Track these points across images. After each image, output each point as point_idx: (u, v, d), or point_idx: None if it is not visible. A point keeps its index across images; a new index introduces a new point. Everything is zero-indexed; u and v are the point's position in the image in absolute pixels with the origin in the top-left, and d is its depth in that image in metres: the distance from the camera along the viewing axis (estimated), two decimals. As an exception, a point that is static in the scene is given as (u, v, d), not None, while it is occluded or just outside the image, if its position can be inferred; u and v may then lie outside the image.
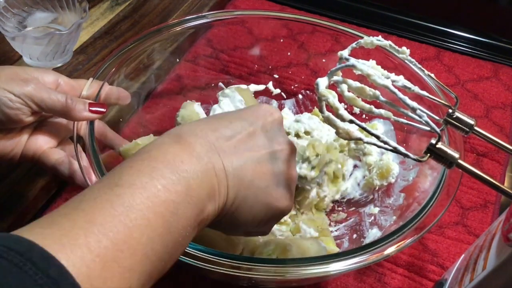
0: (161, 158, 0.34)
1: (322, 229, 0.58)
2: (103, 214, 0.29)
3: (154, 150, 0.35)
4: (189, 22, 0.65)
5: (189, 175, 0.34)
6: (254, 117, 0.41)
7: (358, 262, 0.43)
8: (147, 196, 0.31)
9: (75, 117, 0.50)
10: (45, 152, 0.53)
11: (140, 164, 0.33)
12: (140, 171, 0.32)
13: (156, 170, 0.33)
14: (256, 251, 0.51)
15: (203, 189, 0.35)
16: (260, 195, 0.39)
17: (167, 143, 0.36)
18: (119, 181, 0.32)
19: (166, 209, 0.32)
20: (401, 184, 0.60)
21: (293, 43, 0.75)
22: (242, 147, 0.38)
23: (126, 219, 0.30)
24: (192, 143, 0.36)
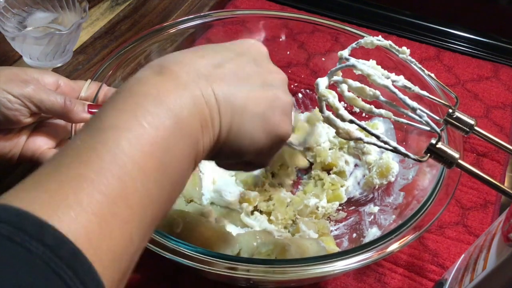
0: (144, 91, 0.31)
1: (324, 233, 0.58)
2: (90, 166, 0.27)
3: (136, 85, 0.32)
4: (189, 22, 0.65)
5: (176, 106, 0.31)
6: (241, 48, 0.39)
7: (358, 261, 0.43)
8: (133, 137, 0.28)
9: (74, 118, 0.50)
10: (43, 153, 0.53)
11: (121, 102, 0.30)
12: (122, 110, 0.30)
13: (140, 106, 0.30)
14: (254, 251, 0.51)
15: (193, 119, 0.32)
16: (257, 120, 0.36)
17: (148, 75, 0.32)
18: (101, 125, 0.29)
19: (157, 148, 0.29)
20: (401, 183, 0.60)
21: (293, 43, 0.75)
22: (232, 74, 0.36)
23: (115, 168, 0.27)
24: (176, 71, 0.33)
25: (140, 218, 0.28)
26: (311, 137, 0.63)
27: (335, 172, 0.65)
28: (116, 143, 0.28)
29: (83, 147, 0.28)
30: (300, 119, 0.61)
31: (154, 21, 0.85)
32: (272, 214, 0.60)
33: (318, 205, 0.61)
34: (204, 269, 0.42)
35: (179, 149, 0.31)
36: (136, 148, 0.28)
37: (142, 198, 0.28)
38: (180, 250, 0.42)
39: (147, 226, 0.29)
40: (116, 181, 0.27)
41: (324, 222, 0.59)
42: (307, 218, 0.60)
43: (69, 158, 0.27)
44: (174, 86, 0.32)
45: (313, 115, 0.66)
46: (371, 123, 0.68)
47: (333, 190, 0.63)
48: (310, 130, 0.63)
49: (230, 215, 0.60)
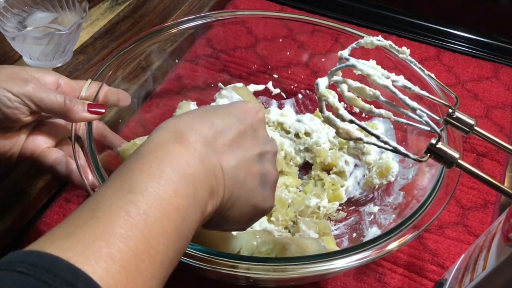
0: (167, 160, 0.34)
1: (324, 233, 0.58)
2: (121, 224, 0.29)
3: (158, 150, 0.35)
4: (189, 23, 0.65)
5: (195, 178, 0.34)
6: (242, 114, 0.41)
7: (357, 259, 0.43)
8: (161, 203, 0.31)
9: (74, 117, 0.50)
10: (43, 152, 0.53)
11: (148, 167, 0.33)
12: (150, 176, 0.32)
13: (165, 174, 0.33)
14: (254, 250, 0.51)
15: (205, 190, 0.35)
16: (249, 196, 0.40)
17: (168, 142, 0.36)
18: (131, 188, 0.31)
19: (178, 216, 0.32)
20: (401, 183, 0.60)
21: (293, 43, 0.75)
22: (236, 146, 0.39)
23: (144, 228, 0.30)
24: (192, 142, 0.36)
25: (159, 276, 0.30)
26: None
27: (335, 172, 0.65)
28: (146, 206, 0.31)
29: (115, 205, 0.30)
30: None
31: (154, 21, 0.85)
32: (272, 215, 0.60)
33: (319, 205, 0.61)
34: (205, 267, 0.42)
35: (192, 218, 0.34)
36: (162, 213, 0.31)
37: (162, 258, 0.31)
38: None
39: (161, 283, 0.31)
40: (143, 239, 0.29)
41: (325, 222, 0.59)
42: (308, 218, 0.60)
43: (100, 212, 0.30)
44: (192, 158, 0.35)
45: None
46: (371, 123, 0.68)
47: (333, 190, 0.63)
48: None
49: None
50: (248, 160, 0.40)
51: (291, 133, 0.69)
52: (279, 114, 0.71)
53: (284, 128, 0.70)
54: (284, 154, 0.66)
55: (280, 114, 0.71)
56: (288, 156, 0.67)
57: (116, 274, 0.27)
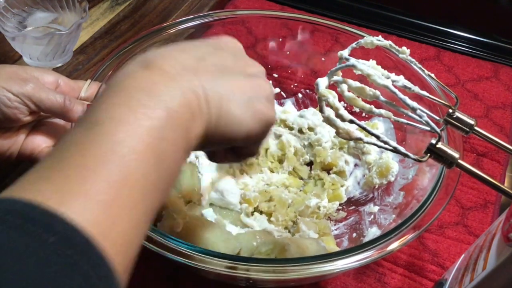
0: (134, 85, 0.32)
1: (325, 233, 0.58)
2: (91, 157, 0.28)
3: (125, 79, 0.33)
4: (189, 22, 0.65)
5: (166, 98, 0.32)
6: (219, 43, 0.40)
7: (358, 260, 0.43)
8: (130, 128, 0.29)
9: (73, 118, 0.50)
10: (42, 152, 0.53)
11: (114, 96, 0.31)
12: (116, 104, 0.31)
13: (132, 98, 0.31)
14: (254, 250, 0.51)
15: (183, 108, 0.33)
16: (244, 107, 0.37)
17: (136, 70, 0.33)
18: (97, 119, 0.30)
19: (152, 137, 0.30)
20: (401, 183, 0.60)
21: (293, 42, 0.75)
22: (215, 66, 0.37)
23: (116, 157, 0.28)
24: (162, 65, 0.34)
25: (143, 204, 0.29)
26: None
27: (335, 172, 0.65)
28: (114, 134, 0.29)
29: (82, 141, 0.29)
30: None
31: (154, 21, 0.85)
32: (272, 215, 0.60)
33: (319, 205, 0.61)
34: (205, 268, 0.42)
35: (172, 138, 0.32)
36: (133, 138, 0.29)
37: (143, 185, 0.29)
38: (180, 250, 0.43)
39: (150, 211, 0.30)
40: (117, 170, 0.28)
41: (325, 222, 0.59)
42: (308, 218, 0.60)
43: (69, 152, 0.28)
44: (162, 79, 0.33)
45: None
46: (371, 123, 0.68)
47: (333, 190, 0.63)
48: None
49: (230, 215, 0.60)
50: (230, 76, 0.38)
51: (295, 129, 0.69)
52: (281, 111, 0.71)
53: (287, 124, 0.70)
54: (294, 150, 0.66)
55: (282, 111, 0.71)
56: (298, 152, 0.67)
57: (93, 209, 0.26)
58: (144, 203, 0.29)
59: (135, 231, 0.28)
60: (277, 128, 0.69)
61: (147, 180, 0.29)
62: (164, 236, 0.43)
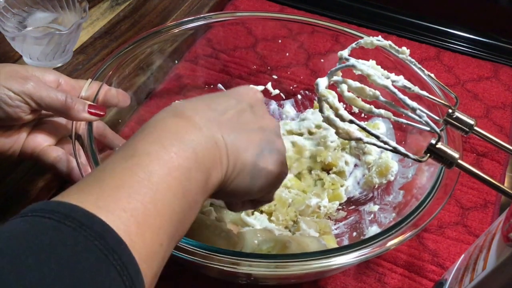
0: (167, 129, 0.36)
1: (325, 232, 0.58)
2: (127, 181, 0.31)
3: (158, 124, 0.37)
4: (189, 24, 0.65)
5: (194, 143, 0.36)
6: (240, 96, 0.44)
7: (357, 256, 0.43)
8: (163, 163, 0.33)
9: (74, 116, 0.50)
10: (43, 150, 0.53)
11: (149, 136, 0.35)
12: (151, 142, 0.35)
13: (166, 139, 0.35)
14: (255, 248, 0.51)
15: (208, 156, 0.37)
16: (257, 161, 0.41)
17: (168, 117, 0.38)
18: (134, 152, 0.34)
19: (181, 174, 0.34)
20: (401, 182, 0.60)
21: (293, 43, 0.75)
22: (235, 121, 0.41)
23: (149, 183, 0.32)
24: (191, 116, 0.38)
25: (167, 228, 0.32)
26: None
27: (335, 172, 0.65)
28: (149, 165, 0.33)
29: (119, 167, 0.33)
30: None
31: (154, 21, 0.85)
32: (273, 214, 0.60)
33: (320, 204, 0.61)
34: (207, 264, 0.42)
35: (196, 180, 0.35)
36: (165, 171, 0.33)
37: (169, 212, 0.33)
38: (183, 246, 0.43)
39: (173, 236, 0.33)
40: (150, 194, 0.32)
41: (325, 221, 0.59)
42: (309, 217, 0.60)
43: (107, 174, 0.32)
44: (191, 127, 0.37)
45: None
46: (372, 123, 0.67)
47: (333, 189, 0.63)
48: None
49: (230, 214, 0.60)
50: (248, 131, 0.41)
51: (304, 133, 0.69)
52: (282, 124, 0.71)
53: (294, 133, 0.69)
54: (310, 154, 0.66)
55: (284, 124, 0.71)
56: (315, 153, 0.66)
57: (127, 221, 0.29)
58: (169, 227, 0.33)
59: (159, 248, 0.31)
60: (290, 138, 0.68)
61: (172, 209, 0.33)
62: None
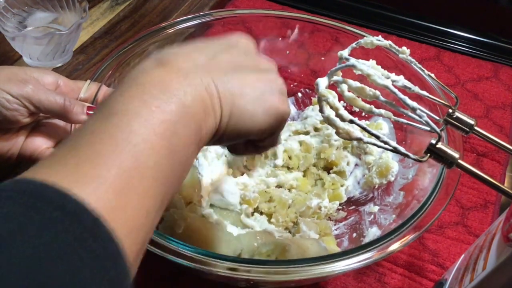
0: (148, 80, 0.33)
1: (326, 233, 0.58)
2: (105, 144, 0.29)
3: (140, 76, 0.34)
4: (189, 22, 0.65)
5: (179, 92, 0.33)
6: (230, 41, 0.41)
7: (358, 261, 0.43)
8: (144, 119, 0.31)
9: (73, 119, 0.50)
10: (42, 153, 0.53)
11: (129, 90, 0.33)
12: (131, 97, 0.32)
13: (146, 92, 0.32)
14: (255, 251, 0.51)
15: (196, 104, 0.34)
16: (257, 101, 0.38)
17: (150, 67, 0.35)
18: (112, 110, 0.31)
19: (165, 129, 0.31)
20: (401, 182, 0.60)
21: (293, 43, 0.75)
22: (227, 64, 0.38)
23: (129, 145, 0.29)
24: (176, 63, 0.35)
25: (154, 192, 0.30)
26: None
27: (335, 171, 0.65)
28: (128, 125, 0.30)
29: (97, 130, 0.30)
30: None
31: (154, 21, 0.85)
32: (273, 216, 0.60)
33: (320, 205, 0.61)
34: (206, 270, 0.42)
35: (184, 132, 0.33)
36: (147, 129, 0.30)
37: (155, 174, 0.30)
38: (181, 252, 0.42)
39: (161, 201, 0.31)
40: (130, 157, 0.29)
41: (326, 222, 0.59)
42: (309, 218, 0.60)
43: (84, 139, 0.29)
44: (175, 75, 0.34)
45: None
46: (375, 123, 0.67)
47: (333, 189, 0.63)
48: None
49: (230, 216, 0.60)
50: (242, 73, 0.38)
51: (310, 131, 0.69)
52: (286, 125, 0.70)
53: (300, 132, 0.69)
54: (316, 152, 0.66)
55: (287, 125, 0.70)
56: (322, 150, 0.66)
57: (105, 193, 0.27)
58: (155, 191, 0.30)
59: (145, 218, 0.29)
60: (297, 138, 0.68)
61: (159, 170, 0.30)
62: (165, 237, 0.43)
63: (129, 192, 0.28)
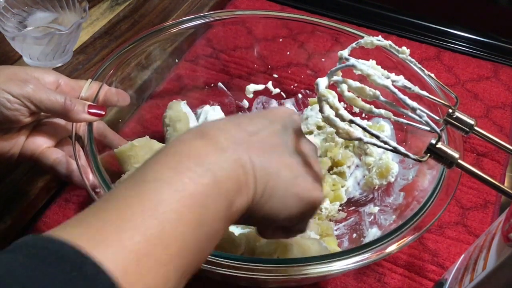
0: (186, 152, 0.33)
1: (327, 234, 0.58)
2: (132, 211, 0.29)
3: (178, 145, 0.34)
4: (189, 22, 0.65)
5: (215, 167, 0.33)
6: (274, 116, 0.41)
7: (358, 261, 0.43)
8: (175, 190, 0.30)
9: (74, 118, 0.50)
10: (43, 152, 0.53)
11: (164, 159, 0.33)
12: (165, 166, 0.32)
13: (181, 163, 0.32)
14: (257, 251, 0.51)
15: (230, 180, 0.34)
16: (290, 186, 0.38)
17: (190, 138, 0.35)
18: (145, 177, 0.31)
19: (195, 202, 0.31)
20: (401, 183, 0.60)
21: (293, 43, 0.75)
22: (266, 142, 0.38)
23: (156, 214, 0.29)
24: (216, 136, 0.35)
25: (176, 264, 0.29)
26: None
27: (335, 172, 0.65)
28: (159, 193, 0.30)
29: (128, 195, 0.30)
30: None
31: (154, 21, 0.85)
32: None
33: (321, 206, 0.61)
34: (208, 269, 0.42)
35: (215, 207, 0.32)
36: (176, 199, 0.30)
37: (179, 245, 0.29)
38: None
39: (183, 273, 0.30)
40: (156, 226, 0.28)
41: (327, 223, 0.59)
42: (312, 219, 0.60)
43: (112, 203, 0.30)
44: (213, 149, 0.34)
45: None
46: (377, 124, 0.67)
47: (334, 190, 0.63)
48: None
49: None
50: (280, 153, 0.38)
51: (314, 130, 0.69)
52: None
53: (304, 133, 0.69)
54: (320, 152, 0.66)
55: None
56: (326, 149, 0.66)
57: (125, 259, 0.26)
58: (177, 262, 0.29)
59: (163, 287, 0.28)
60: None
61: (184, 241, 0.30)
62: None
63: (149, 260, 0.27)
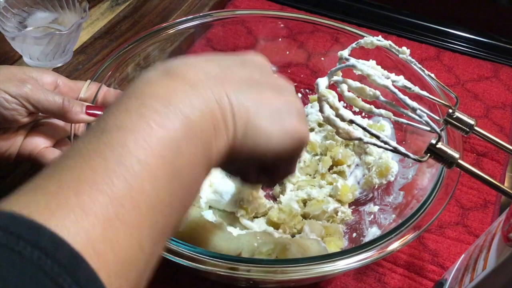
0: (150, 92, 0.29)
1: (327, 234, 0.58)
2: (93, 167, 0.25)
3: (142, 86, 0.30)
4: (189, 22, 0.65)
5: (185, 106, 0.28)
6: (245, 57, 0.37)
7: (358, 261, 0.43)
8: (140, 137, 0.26)
9: (72, 119, 0.50)
10: (41, 152, 0.52)
11: (127, 103, 0.28)
12: (128, 111, 0.27)
13: (146, 106, 0.28)
14: (255, 251, 0.51)
15: (205, 120, 0.29)
16: (274, 121, 0.34)
17: (155, 77, 0.30)
18: (106, 126, 0.27)
19: (166, 149, 0.27)
20: (401, 182, 0.60)
21: (293, 43, 0.75)
22: (241, 78, 0.34)
23: (121, 168, 0.25)
24: (184, 71, 0.31)
25: (150, 223, 0.26)
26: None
27: (335, 171, 0.65)
28: (122, 143, 0.26)
29: (86, 149, 0.26)
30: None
31: (154, 21, 0.85)
32: (280, 227, 0.58)
33: (338, 209, 0.59)
34: (206, 270, 0.42)
35: (190, 152, 0.28)
36: (143, 148, 0.26)
37: (152, 202, 0.26)
38: (181, 252, 0.42)
39: (159, 232, 0.27)
40: (121, 182, 0.25)
41: (335, 226, 0.58)
42: (320, 221, 0.59)
43: (70, 160, 0.26)
44: (182, 86, 0.30)
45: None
46: (378, 124, 0.67)
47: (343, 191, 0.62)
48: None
49: (229, 217, 0.60)
50: (258, 88, 0.34)
51: (315, 127, 0.68)
52: None
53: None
54: (321, 150, 0.66)
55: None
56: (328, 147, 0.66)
57: (88, 225, 0.23)
58: (152, 222, 0.26)
59: (139, 253, 0.25)
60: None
61: (157, 197, 0.26)
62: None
63: (118, 223, 0.24)
